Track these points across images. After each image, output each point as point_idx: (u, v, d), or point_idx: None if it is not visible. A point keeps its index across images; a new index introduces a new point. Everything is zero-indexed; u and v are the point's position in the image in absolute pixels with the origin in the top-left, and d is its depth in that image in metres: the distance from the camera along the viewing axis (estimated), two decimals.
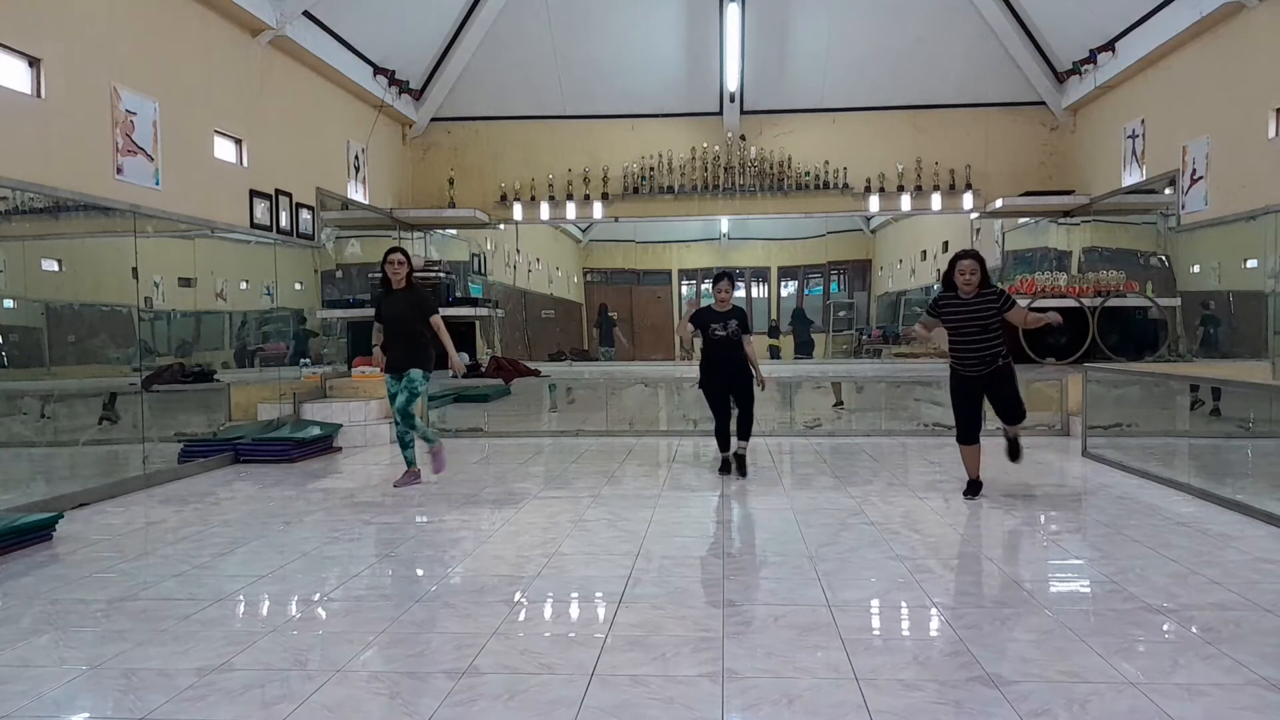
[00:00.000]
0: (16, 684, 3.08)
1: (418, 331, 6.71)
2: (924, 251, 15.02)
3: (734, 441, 7.22)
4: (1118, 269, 10.84)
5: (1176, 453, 7.52)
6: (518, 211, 12.72)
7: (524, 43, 11.95)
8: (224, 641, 3.45)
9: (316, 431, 8.50)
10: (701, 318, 7.15)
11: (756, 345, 7.31)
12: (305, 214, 9.70)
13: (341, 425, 8.93)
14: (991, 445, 8.71)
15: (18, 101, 6.03)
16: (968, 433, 6.12)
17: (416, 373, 6.69)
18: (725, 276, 7.21)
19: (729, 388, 7.13)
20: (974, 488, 6.17)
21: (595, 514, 5.76)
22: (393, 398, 6.77)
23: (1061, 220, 11.99)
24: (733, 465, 7.15)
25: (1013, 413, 6.15)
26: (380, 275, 6.87)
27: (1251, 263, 8.44)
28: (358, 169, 11.07)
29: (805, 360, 14.51)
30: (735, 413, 7.20)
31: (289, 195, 9.34)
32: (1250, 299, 8.65)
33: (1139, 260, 10.99)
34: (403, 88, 11.74)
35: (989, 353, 5.92)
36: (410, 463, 6.87)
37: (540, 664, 3.20)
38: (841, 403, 11.54)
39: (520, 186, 12.68)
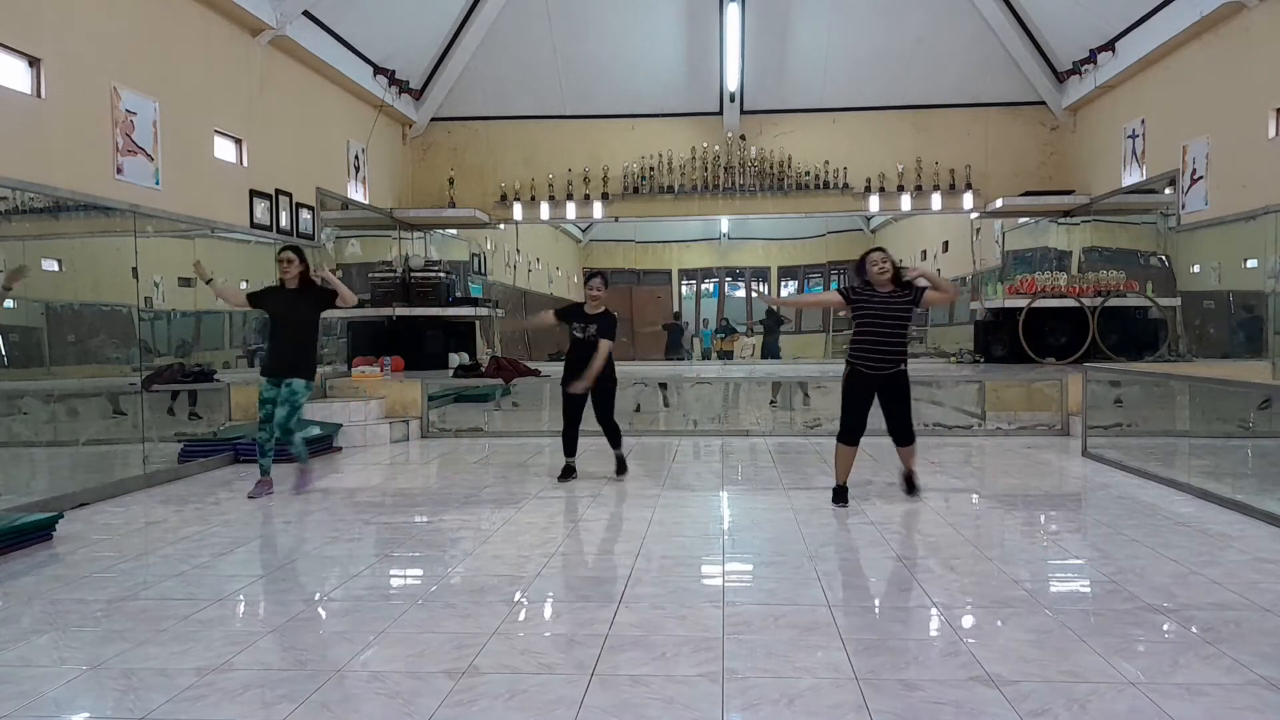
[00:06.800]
0: (16, 684, 3.08)
1: (305, 333, 6.31)
2: (924, 251, 15.02)
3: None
4: (1118, 269, 10.85)
5: (1176, 453, 7.52)
6: (518, 211, 12.72)
7: (524, 43, 11.96)
8: (224, 641, 3.45)
9: (316, 431, 8.49)
10: (570, 312, 6.89)
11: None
12: (305, 214, 9.70)
13: (341, 425, 8.93)
14: (993, 446, 8.72)
15: (18, 101, 6.02)
16: (855, 434, 5.87)
17: (299, 383, 6.23)
18: (597, 275, 6.91)
19: (585, 393, 6.81)
20: (842, 495, 5.91)
21: (595, 514, 5.76)
22: (264, 403, 6.24)
23: (1061, 220, 11.99)
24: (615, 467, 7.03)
25: (905, 428, 5.88)
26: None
27: (1251, 263, 8.44)
28: (358, 169, 11.07)
29: (772, 361, 14.05)
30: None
31: (289, 195, 9.34)
32: (1250, 299, 8.66)
33: (1139, 260, 11.00)
34: (403, 88, 11.74)
35: (897, 353, 5.76)
36: (265, 471, 6.43)
37: (540, 664, 3.20)
38: (775, 401, 11.30)
39: (520, 186, 12.68)
